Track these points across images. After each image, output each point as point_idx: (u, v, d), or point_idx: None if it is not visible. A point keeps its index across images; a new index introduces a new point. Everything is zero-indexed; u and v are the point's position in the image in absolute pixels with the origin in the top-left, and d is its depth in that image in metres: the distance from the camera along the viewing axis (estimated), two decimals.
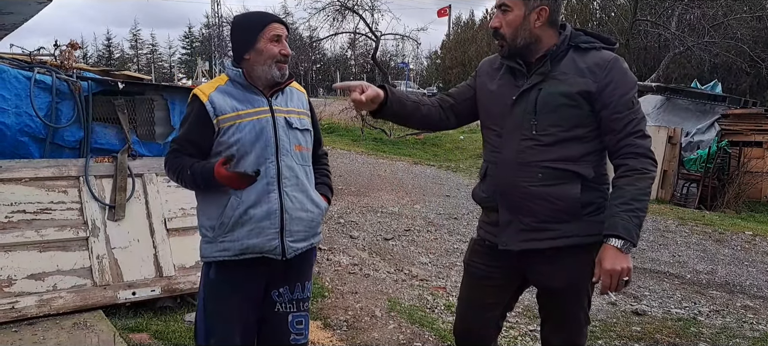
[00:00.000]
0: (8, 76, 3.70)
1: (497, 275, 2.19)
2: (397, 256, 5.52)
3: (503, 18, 2.02)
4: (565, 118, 1.98)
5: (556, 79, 2.00)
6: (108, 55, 51.45)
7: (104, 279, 3.60)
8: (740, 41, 18.44)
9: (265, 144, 2.09)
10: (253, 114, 2.10)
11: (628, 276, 1.90)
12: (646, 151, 1.96)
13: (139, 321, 3.52)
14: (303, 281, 2.25)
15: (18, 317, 3.28)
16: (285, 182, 2.11)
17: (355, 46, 31.16)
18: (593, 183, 2.02)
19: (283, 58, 2.11)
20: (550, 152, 1.99)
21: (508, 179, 2.05)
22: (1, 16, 5.29)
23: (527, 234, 2.04)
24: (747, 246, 6.80)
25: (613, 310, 4.41)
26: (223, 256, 2.11)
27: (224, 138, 2.07)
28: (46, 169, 3.74)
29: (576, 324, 2.15)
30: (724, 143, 10.41)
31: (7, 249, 3.45)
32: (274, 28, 2.11)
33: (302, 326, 2.25)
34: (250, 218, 2.07)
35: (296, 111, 2.21)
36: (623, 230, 1.88)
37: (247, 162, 2.07)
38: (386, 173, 10.40)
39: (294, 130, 2.16)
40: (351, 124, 17.77)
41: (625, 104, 1.96)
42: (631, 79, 2.01)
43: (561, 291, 2.11)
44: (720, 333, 4.04)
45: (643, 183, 1.93)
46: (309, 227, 2.18)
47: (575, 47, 2.03)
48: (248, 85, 2.12)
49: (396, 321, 3.82)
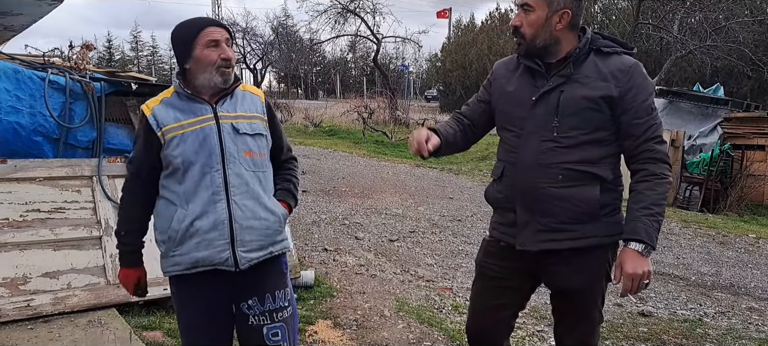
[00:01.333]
0: (23, 76, 3.76)
1: (510, 276, 2.20)
2: (403, 257, 5.55)
3: (525, 17, 2.03)
4: (587, 121, 2.00)
5: (578, 82, 2.01)
6: (109, 56, 51.50)
7: (117, 278, 3.63)
8: (742, 45, 18.49)
9: (210, 152, 2.02)
10: (195, 123, 2.03)
11: (648, 279, 1.94)
12: (664, 156, 2.00)
13: (151, 319, 3.55)
14: (272, 291, 2.16)
15: (33, 314, 3.32)
16: (233, 191, 2.04)
17: (355, 48, 31.22)
18: (611, 185, 2.05)
19: (224, 63, 2.03)
20: (571, 154, 2.00)
21: (527, 180, 2.05)
22: (11, 17, 5.35)
23: (546, 235, 2.05)
24: (750, 249, 6.83)
25: (620, 311, 4.44)
26: (176, 270, 2.07)
27: (168, 150, 2.03)
28: (59, 168, 3.78)
29: (590, 324, 2.17)
30: (727, 146, 10.45)
31: (22, 247, 3.50)
32: (209, 33, 2.03)
33: (278, 337, 2.16)
34: (196, 230, 2.01)
35: (246, 116, 2.11)
36: (644, 234, 1.91)
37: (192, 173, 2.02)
38: (389, 175, 10.44)
39: (242, 135, 2.08)
40: (352, 127, 17.80)
41: (646, 110, 1.98)
42: (651, 85, 2.04)
43: (577, 291, 2.13)
44: (726, 334, 4.08)
45: (662, 188, 1.96)
46: (263, 235, 2.09)
47: (596, 51, 2.04)
48: (189, 96, 2.06)
49: (405, 321, 3.86)
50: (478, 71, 28.46)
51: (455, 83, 33.06)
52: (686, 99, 12.06)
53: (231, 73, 2.07)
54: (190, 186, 2.03)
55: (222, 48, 2.03)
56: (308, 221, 6.53)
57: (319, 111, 20.39)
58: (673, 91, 12.70)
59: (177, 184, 2.05)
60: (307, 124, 18.53)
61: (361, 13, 22.52)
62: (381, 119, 18.51)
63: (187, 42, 2.04)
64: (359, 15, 22.55)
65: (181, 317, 2.19)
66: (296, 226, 6.16)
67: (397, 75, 29.94)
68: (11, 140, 3.73)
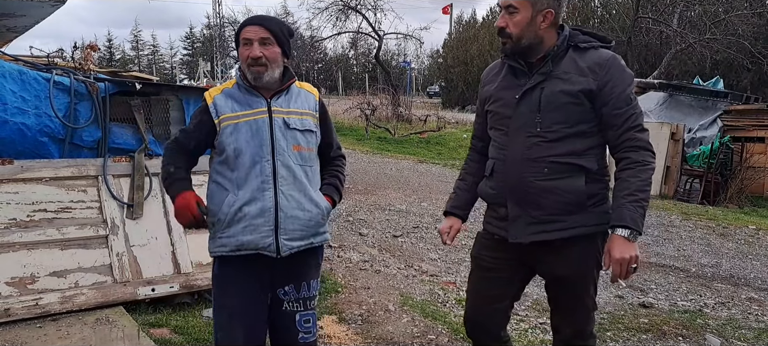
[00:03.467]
0: (28, 78, 3.79)
1: (505, 267, 2.28)
2: (407, 252, 5.59)
3: (510, 19, 2.09)
4: (569, 115, 2.07)
5: (558, 78, 2.08)
6: (109, 56, 51.52)
7: (124, 276, 3.69)
8: (741, 38, 18.52)
9: (260, 143, 2.15)
10: (250, 115, 2.17)
11: (636, 263, 2.00)
12: (646, 144, 2.06)
13: (158, 317, 3.60)
14: (308, 279, 2.29)
15: (42, 313, 3.37)
16: (281, 181, 2.15)
17: (356, 45, 31.21)
18: (596, 175, 2.12)
19: (253, 61, 2.14)
20: (555, 148, 2.08)
21: (516, 175, 2.13)
22: (14, 18, 5.39)
23: (536, 227, 2.13)
24: (750, 240, 6.87)
25: (621, 303, 4.48)
26: (222, 251, 2.19)
27: (223, 138, 2.16)
28: (65, 168, 3.82)
29: (584, 310, 2.23)
30: (727, 139, 10.49)
31: (29, 247, 3.54)
32: (245, 31, 2.16)
33: (310, 324, 2.30)
34: (244, 215, 2.13)
35: (298, 112, 2.24)
36: (630, 220, 1.98)
37: (243, 161, 2.14)
38: (392, 172, 10.48)
39: (292, 130, 2.20)
40: (355, 124, 17.83)
41: (625, 100, 2.05)
42: (629, 76, 2.10)
43: (569, 279, 2.20)
44: (726, 325, 4.12)
45: (645, 174, 2.03)
46: (306, 226, 2.20)
47: (574, 47, 2.11)
48: (248, 88, 2.19)
49: (409, 315, 3.90)
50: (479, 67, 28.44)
51: (457, 79, 33.07)
52: (686, 92, 12.09)
53: (262, 71, 2.15)
54: (241, 173, 2.15)
55: (252, 47, 2.14)
56: None
57: None
58: (672, 85, 12.73)
59: (229, 170, 2.17)
60: None
61: (363, 10, 22.51)
62: (383, 116, 18.54)
63: (235, 40, 2.21)
64: (360, 12, 22.53)
65: (219, 298, 2.27)
66: None
67: (399, 72, 29.98)
68: (17, 141, 3.76)
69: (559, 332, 2.31)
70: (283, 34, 2.20)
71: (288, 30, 2.25)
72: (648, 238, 6.73)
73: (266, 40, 2.15)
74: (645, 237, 6.75)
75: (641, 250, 6.26)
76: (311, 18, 42.43)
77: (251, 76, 2.17)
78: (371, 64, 34.38)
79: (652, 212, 8.20)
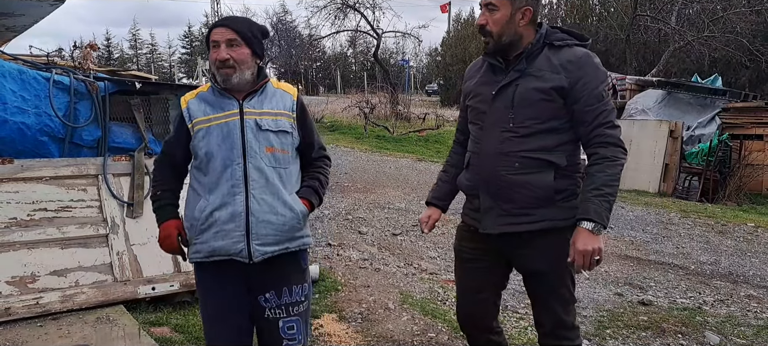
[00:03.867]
0: (28, 77, 3.79)
1: (484, 258, 2.34)
2: (406, 251, 5.60)
3: (490, 16, 2.14)
4: (541, 112, 2.13)
5: (532, 75, 2.14)
6: (108, 55, 51.47)
7: (124, 275, 3.69)
8: (739, 35, 18.55)
9: (231, 146, 2.11)
10: (222, 117, 2.13)
11: (599, 256, 2.05)
12: (616, 140, 2.11)
13: (159, 315, 3.60)
14: (289, 285, 2.21)
15: (42, 312, 3.37)
16: (252, 185, 2.10)
17: (355, 44, 31.20)
18: (566, 171, 2.17)
19: (220, 63, 2.10)
20: (527, 143, 2.14)
21: (489, 168, 2.20)
22: (13, 17, 5.38)
23: (506, 219, 2.20)
24: (749, 237, 6.89)
25: (620, 300, 4.50)
26: (197, 258, 2.17)
27: (195, 142, 2.14)
28: (65, 168, 3.82)
29: (561, 302, 2.26)
30: (725, 136, 10.51)
31: (30, 246, 3.54)
32: (213, 34, 2.14)
33: (294, 331, 2.23)
34: (215, 220, 2.10)
35: (272, 113, 2.18)
36: (594, 213, 2.03)
37: (214, 165, 2.12)
38: (391, 170, 10.49)
39: (265, 132, 2.14)
40: (354, 122, 17.83)
41: (596, 97, 2.10)
42: (602, 73, 2.14)
43: (542, 272, 2.24)
44: (725, 322, 4.14)
45: (613, 170, 2.08)
46: (279, 231, 2.14)
47: (550, 45, 2.16)
48: (220, 91, 2.16)
49: (409, 313, 3.91)
50: None
51: (455, 77, 33.02)
52: (684, 90, 12.11)
53: (230, 73, 2.11)
54: (212, 178, 2.12)
55: (219, 49, 2.10)
56: (311, 217, 6.50)
57: (321, 107, 20.39)
58: (671, 82, 12.74)
59: (202, 175, 2.15)
60: None
61: (361, 9, 22.51)
62: (382, 114, 18.54)
63: (206, 43, 2.18)
64: (359, 10, 22.54)
65: (203, 306, 2.27)
66: None
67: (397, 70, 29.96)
68: (17, 140, 3.76)
69: (541, 325, 2.33)
70: (252, 34, 2.16)
71: (259, 30, 2.20)
72: (647, 236, 6.76)
73: (233, 41, 2.11)
74: (644, 235, 6.77)
75: (640, 248, 6.27)
76: (310, 16, 42.35)
77: (220, 79, 2.13)
78: (370, 63, 34.35)
79: (651, 210, 8.22)
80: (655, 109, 11.76)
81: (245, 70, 2.13)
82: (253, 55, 2.16)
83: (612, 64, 22.57)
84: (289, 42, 32.65)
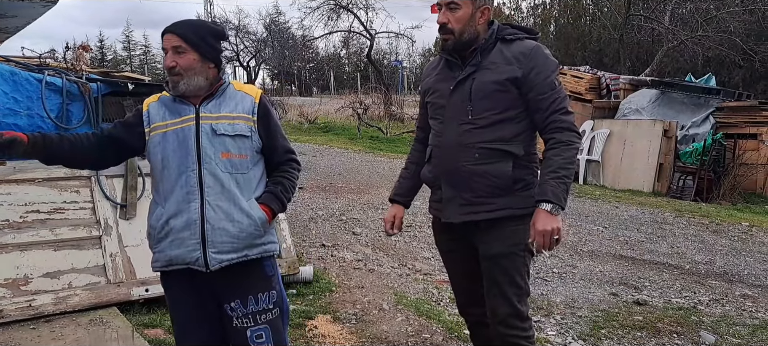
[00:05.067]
0: (20, 79, 3.77)
1: (457, 248, 2.44)
2: (401, 251, 5.59)
3: (451, 15, 2.23)
4: (497, 102, 2.22)
5: (487, 68, 2.24)
6: (101, 56, 51.25)
7: (118, 277, 3.67)
8: (733, 34, 18.62)
9: (186, 152, 2.06)
10: (177, 123, 2.09)
11: (558, 235, 2.13)
12: (570, 125, 2.21)
13: (152, 317, 3.58)
14: (254, 293, 2.14)
15: (35, 314, 3.35)
16: (208, 191, 2.05)
17: (348, 44, 31.17)
18: (523, 161, 2.26)
19: (169, 70, 2.05)
20: (485, 134, 2.23)
21: (449, 160, 2.29)
22: (5, 19, 5.35)
23: (466, 208, 2.28)
24: (744, 237, 6.92)
25: (615, 300, 4.50)
26: (156, 266, 2.15)
27: (151, 147, 2.13)
28: (58, 169, 3.78)
29: (516, 290, 2.29)
30: (719, 136, 10.54)
31: (22, 248, 3.52)
32: (163, 41, 2.08)
33: (262, 339, 2.16)
34: (171, 228, 2.07)
35: (229, 116, 2.11)
36: (552, 195, 2.12)
37: (170, 172, 2.08)
38: (385, 171, 10.47)
39: (220, 136, 2.08)
40: (347, 123, 17.82)
41: (549, 85, 2.20)
42: (553, 63, 2.24)
43: (499, 258, 2.28)
44: (720, 321, 4.15)
45: (569, 153, 2.17)
46: (237, 238, 2.08)
47: (502, 39, 2.26)
48: (176, 96, 2.10)
49: (403, 314, 3.90)
50: None
51: None
52: (678, 89, 12.14)
53: (177, 81, 2.04)
54: (167, 185, 2.10)
55: (168, 56, 2.05)
56: (305, 218, 6.56)
57: (314, 107, 20.37)
58: (665, 82, 12.78)
59: (158, 182, 2.13)
60: (302, 121, 18.53)
61: (354, 9, 22.51)
62: (376, 115, 18.54)
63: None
64: (352, 11, 22.54)
65: (171, 319, 2.26)
66: (294, 222, 6.19)
67: (391, 70, 29.95)
68: None
69: (496, 314, 2.32)
70: (200, 38, 2.08)
71: (211, 33, 2.13)
72: (642, 235, 6.77)
73: (178, 48, 2.04)
74: (638, 234, 6.79)
75: (635, 247, 6.28)
76: (303, 17, 42.24)
77: (170, 86, 2.08)
78: (363, 64, 34.34)
79: (646, 210, 8.24)
80: (649, 109, 11.79)
81: (193, 76, 2.06)
82: (203, 60, 2.08)
83: (605, 63, 22.65)
84: (282, 43, 32.59)
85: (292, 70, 38.37)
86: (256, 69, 35.22)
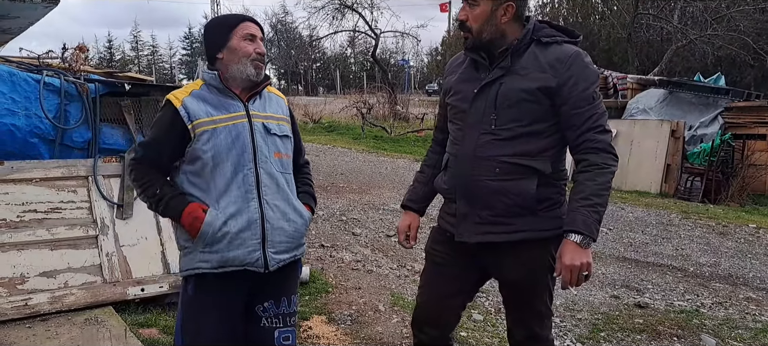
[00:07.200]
0: (18, 79, 3.78)
1: (456, 264, 2.20)
2: (400, 252, 5.56)
3: (470, 12, 2.03)
4: (525, 114, 1.99)
5: (517, 74, 2.00)
6: (109, 56, 51.62)
7: (114, 276, 3.67)
8: (743, 34, 18.39)
9: (242, 150, 2.01)
10: (228, 119, 2.02)
11: (587, 271, 1.92)
12: (607, 146, 1.97)
13: (148, 317, 3.58)
14: (289, 295, 2.16)
15: (31, 313, 3.35)
16: (265, 190, 2.03)
17: (354, 44, 31.19)
18: (550, 178, 2.03)
19: (259, 57, 2.05)
20: (507, 147, 2.00)
21: (466, 172, 2.07)
22: (8, 20, 5.38)
23: (483, 227, 2.06)
24: (750, 239, 6.83)
25: (616, 303, 4.45)
26: (203, 268, 2.02)
27: (198, 145, 2.00)
28: (55, 169, 3.80)
29: (536, 316, 2.16)
30: (728, 136, 10.42)
31: (19, 248, 3.53)
32: (248, 26, 2.07)
33: (289, 341, 2.16)
34: (229, 228, 1.99)
35: (275, 117, 2.13)
36: (582, 225, 1.90)
37: (223, 170, 2.00)
38: (387, 171, 10.45)
39: (273, 136, 2.09)
40: (351, 123, 17.80)
41: (586, 99, 1.95)
42: (593, 73, 2.00)
43: (518, 284, 2.13)
44: (722, 325, 4.09)
45: (603, 178, 1.94)
46: (292, 237, 2.09)
47: (537, 41, 2.02)
48: (224, 89, 2.05)
49: (399, 315, 3.88)
50: None
51: None
52: (686, 89, 12.01)
53: (263, 70, 2.09)
54: (221, 184, 2.01)
55: (257, 43, 2.06)
56: None
57: (319, 107, 20.38)
58: (673, 82, 12.64)
59: (204, 181, 2.02)
60: (307, 121, 18.55)
61: (359, 9, 22.52)
62: (380, 114, 18.51)
63: (225, 32, 2.05)
64: (357, 10, 22.57)
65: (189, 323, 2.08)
66: None
67: (397, 70, 29.92)
68: (7, 142, 3.75)
69: (513, 336, 2.24)
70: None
71: None
72: (647, 237, 6.70)
73: (262, 39, 2.11)
74: (643, 236, 6.72)
75: (639, 249, 6.21)
76: (308, 17, 42.33)
77: (255, 72, 2.06)
78: (369, 63, 34.32)
79: (652, 211, 8.16)
80: (657, 109, 11.68)
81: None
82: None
83: (615, 63, 22.46)
84: (288, 43, 32.66)
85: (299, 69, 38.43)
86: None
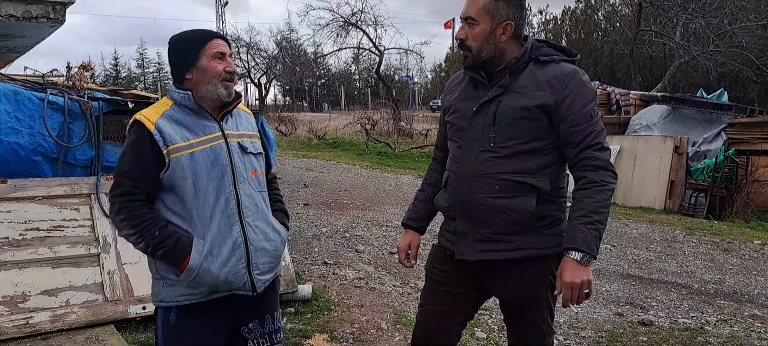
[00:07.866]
0: (22, 97, 3.81)
1: (457, 282, 2.21)
2: (403, 269, 5.52)
3: (469, 31, 2.04)
4: (524, 131, 2.01)
5: (515, 92, 2.02)
6: (115, 74, 52.12)
7: (115, 294, 3.67)
8: (746, 50, 18.42)
9: (222, 173, 1.96)
10: (205, 142, 1.95)
11: (588, 289, 1.92)
12: (605, 163, 1.98)
13: (149, 335, 3.56)
14: (272, 312, 2.13)
15: (32, 332, 3.35)
16: (246, 213, 1.99)
17: (358, 60, 31.36)
18: (549, 196, 2.04)
19: (229, 76, 1.98)
20: (507, 164, 2.01)
21: (466, 190, 2.07)
22: (14, 39, 5.45)
23: (483, 245, 2.06)
24: (755, 255, 6.77)
25: (620, 321, 4.41)
26: (191, 299, 1.95)
27: (174, 172, 1.90)
28: (58, 187, 3.82)
29: (537, 335, 2.16)
30: (731, 152, 10.39)
31: (21, 266, 3.53)
32: (217, 44, 1.98)
33: None
34: (215, 256, 1.94)
35: (248, 134, 2.08)
36: (582, 243, 1.90)
37: (206, 197, 1.93)
38: (391, 187, 10.44)
39: (249, 155, 2.04)
40: (355, 139, 17.84)
41: (584, 117, 1.97)
42: (590, 92, 2.02)
43: (518, 302, 2.14)
44: (727, 342, 4.04)
45: (602, 195, 1.95)
46: (274, 257, 2.07)
47: (535, 60, 2.04)
48: (199, 109, 1.97)
49: (402, 333, 3.85)
50: None
51: None
52: (690, 105, 12.01)
53: (233, 88, 2.03)
54: (204, 211, 1.94)
55: (227, 61, 1.99)
56: (309, 235, 6.54)
57: (323, 123, 20.44)
58: (676, 98, 12.66)
59: (188, 210, 1.94)
60: (311, 137, 18.60)
61: (363, 26, 22.67)
62: (384, 130, 18.56)
63: (194, 51, 1.97)
64: (361, 28, 22.71)
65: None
66: (297, 240, 6.17)
67: (401, 86, 30.03)
68: (11, 160, 3.77)
69: None
70: None
71: None
72: (650, 253, 6.66)
73: (231, 56, 2.05)
74: (647, 253, 6.67)
75: (643, 266, 6.16)
76: (313, 34, 42.67)
77: (225, 92, 1.98)
78: (373, 79, 34.49)
79: (656, 227, 8.12)
80: (660, 125, 11.67)
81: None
82: None
83: (618, 79, 22.53)
84: (293, 60, 32.88)
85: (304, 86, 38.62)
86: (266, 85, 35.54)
